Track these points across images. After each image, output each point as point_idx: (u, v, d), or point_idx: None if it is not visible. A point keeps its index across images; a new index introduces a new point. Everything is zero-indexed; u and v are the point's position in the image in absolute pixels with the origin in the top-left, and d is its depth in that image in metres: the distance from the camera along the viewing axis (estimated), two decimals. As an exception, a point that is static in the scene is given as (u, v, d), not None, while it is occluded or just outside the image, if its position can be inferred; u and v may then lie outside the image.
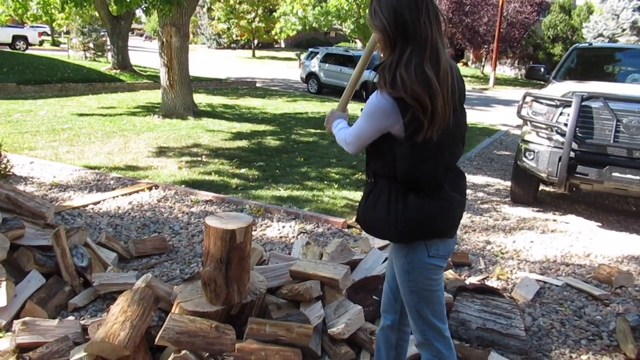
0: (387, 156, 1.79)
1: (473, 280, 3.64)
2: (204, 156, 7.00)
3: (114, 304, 2.37)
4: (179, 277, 3.44)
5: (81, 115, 9.78)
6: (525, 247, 4.45)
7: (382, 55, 1.81)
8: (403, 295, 1.96)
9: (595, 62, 6.89)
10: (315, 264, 2.85)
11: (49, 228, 3.28)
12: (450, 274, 3.42)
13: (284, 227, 4.50)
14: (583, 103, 4.67)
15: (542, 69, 6.64)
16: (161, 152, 7.14)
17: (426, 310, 1.92)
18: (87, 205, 4.70)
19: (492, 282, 3.68)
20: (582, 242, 4.66)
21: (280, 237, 4.28)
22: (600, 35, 25.70)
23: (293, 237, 4.30)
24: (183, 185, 5.50)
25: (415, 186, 1.80)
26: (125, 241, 3.91)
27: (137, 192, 5.19)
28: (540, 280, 3.72)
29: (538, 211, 5.55)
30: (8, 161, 5.52)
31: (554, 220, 5.26)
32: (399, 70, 1.67)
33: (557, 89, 5.42)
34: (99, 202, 4.81)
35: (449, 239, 1.90)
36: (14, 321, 2.50)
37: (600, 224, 5.25)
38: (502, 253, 4.28)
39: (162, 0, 8.14)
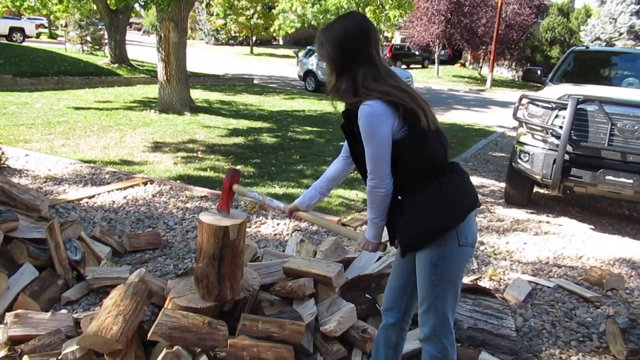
0: (398, 161, 1.84)
1: (465, 280, 3.66)
2: (199, 152, 7.00)
3: (107, 298, 2.37)
4: (172, 273, 3.44)
5: (77, 108, 9.75)
6: (518, 248, 4.47)
7: (329, 79, 1.93)
8: (422, 289, 1.94)
9: (591, 66, 6.92)
10: (309, 261, 2.87)
11: (43, 221, 3.28)
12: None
13: (278, 224, 4.51)
14: (578, 106, 4.69)
15: (539, 72, 6.67)
16: (157, 147, 7.13)
17: (444, 305, 1.92)
18: (81, 199, 4.70)
19: (485, 283, 3.70)
20: (575, 244, 4.69)
21: (275, 235, 4.29)
22: (598, 38, 25.80)
23: (287, 234, 4.31)
24: (178, 181, 5.50)
25: (434, 169, 1.88)
26: (120, 235, 3.91)
27: (132, 186, 5.18)
28: (532, 282, 3.74)
29: (532, 213, 5.58)
30: (3, 153, 5.50)
31: (548, 222, 5.29)
32: (365, 81, 1.81)
33: (554, 91, 5.44)
34: (93, 196, 4.80)
35: (473, 227, 1.94)
36: (6, 313, 2.49)
37: (593, 227, 5.28)
38: (495, 254, 4.30)
39: (161, -5, 8.12)
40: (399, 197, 1.90)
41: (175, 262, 3.63)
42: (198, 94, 13.19)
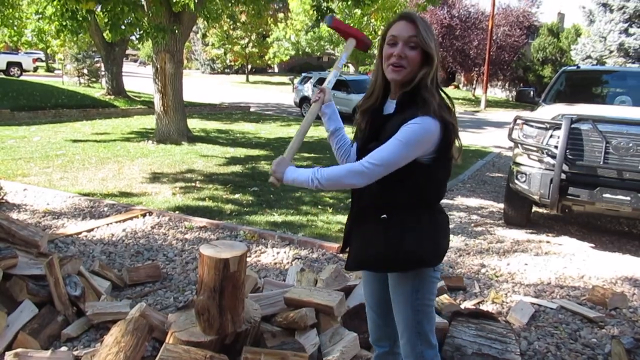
0: (410, 183, 1.81)
1: (468, 304, 3.64)
2: (198, 182, 7.01)
3: (107, 335, 2.35)
4: (173, 306, 3.42)
5: (75, 141, 9.79)
6: (519, 269, 4.45)
7: (401, 76, 1.82)
8: (405, 316, 1.93)
9: (583, 85, 7.01)
10: (310, 290, 2.85)
11: (42, 257, 3.27)
12: (445, 298, 3.42)
13: (278, 253, 4.49)
14: (572, 125, 4.74)
15: (532, 92, 6.75)
16: (155, 178, 7.15)
17: (427, 327, 1.94)
18: (80, 233, 4.69)
19: (487, 306, 3.68)
20: (576, 263, 4.68)
21: (275, 263, 4.28)
22: (589, 57, 26.16)
23: (288, 263, 4.29)
24: (177, 212, 5.49)
25: (435, 206, 1.91)
26: (119, 269, 3.90)
27: (130, 218, 5.18)
28: (535, 304, 3.72)
29: (531, 233, 5.58)
30: (1, 188, 5.51)
31: (548, 242, 5.28)
32: (437, 93, 1.79)
33: (547, 111, 5.50)
34: (92, 230, 4.80)
35: None
36: (6, 353, 2.47)
37: (593, 245, 5.27)
38: (497, 276, 4.28)
39: (156, 28, 8.24)
40: (384, 216, 1.85)
41: (176, 295, 3.60)
42: (195, 124, 13.28)
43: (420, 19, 1.80)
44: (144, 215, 5.28)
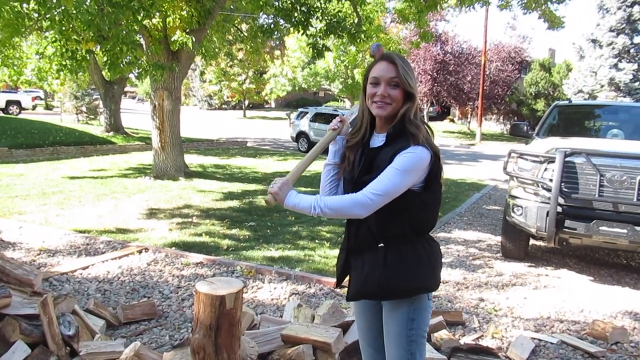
0: (405, 211, 1.88)
1: (467, 339, 3.59)
2: (194, 217, 7.00)
3: (101, 375, 2.31)
4: (168, 344, 3.36)
5: (72, 178, 9.81)
6: (518, 303, 4.42)
7: (387, 112, 1.92)
8: (399, 347, 1.93)
9: (576, 119, 7.12)
10: (307, 327, 2.82)
11: (36, 296, 3.23)
12: (444, 334, 3.38)
13: (275, 288, 4.45)
14: (566, 159, 4.79)
15: (525, 126, 6.84)
16: (152, 213, 7.13)
17: (419, 358, 1.96)
18: (75, 271, 4.64)
19: (487, 341, 3.63)
20: (575, 297, 4.65)
21: (272, 299, 4.23)
22: (580, 91, 26.59)
23: (285, 298, 4.25)
24: (173, 248, 5.46)
25: (428, 232, 1.98)
26: (114, 307, 3.85)
27: (126, 255, 5.14)
28: (535, 338, 3.67)
29: (530, 266, 5.56)
30: (-3, 227, 5.49)
31: (546, 275, 5.26)
32: (422, 124, 1.90)
33: (541, 145, 5.56)
34: (87, 267, 4.75)
35: None
36: (-3, 396, 2.41)
37: (592, 278, 5.25)
38: (496, 310, 4.24)
39: (155, 66, 8.38)
40: (381, 245, 1.91)
41: (171, 333, 3.55)
42: (192, 159, 13.35)
43: (400, 59, 1.92)
44: (140, 252, 5.25)
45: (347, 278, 2.08)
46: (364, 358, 2.17)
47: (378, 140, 1.98)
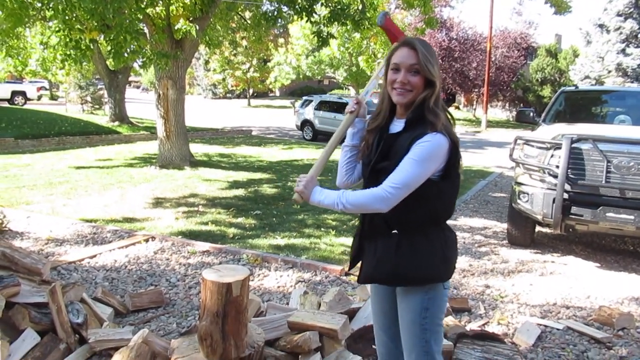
0: (421, 200, 1.85)
1: (473, 326, 3.60)
2: (200, 206, 7.02)
3: (109, 362, 2.33)
4: (176, 331, 3.39)
5: (78, 168, 9.85)
6: (524, 290, 4.42)
7: (407, 99, 1.90)
8: (413, 334, 1.94)
9: (582, 105, 7.05)
10: (314, 314, 2.83)
11: (44, 284, 3.26)
12: (450, 320, 3.39)
13: (281, 276, 4.48)
14: (573, 145, 4.76)
15: (531, 113, 6.79)
16: (158, 203, 7.16)
17: (434, 347, 1.94)
18: (83, 259, 4.68)
19: (493, 327, 3.64)
20: (582, 283, 4.64)
21: (278, 287, 4.25)
22: (587, 77, 26.35)
23: (291, 286, 4.27)
24: (180, 236, 5.49)
25: (443, 222, 1.96)
26: (122, 295, 3.88)
27: (133, 244, 5.17)
28: (541, 324, 3.68)
29: (536, 253, 5.55)
30: (4, 217, 5.52)
31: (553, 262, 5.25)
32: (442, 112, 1.86)
33: (547, 131, 5.52)
34: (95, 256, 4.79)
35: None
36: (8, 382, 2.45)
37: (598, 265, 5.24)
38: (502, 297, 4.25)
39: (159, 54, 8.36)
40: (395, 232, 1.91)
41: (179, 320, 3.58)
42: (198, 148, 13.36)
43: (422, 45, 1.87)
44: (146, 241, 5.28)
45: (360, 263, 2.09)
46: (377, 343, 2.18)
47: (397, 126, 1.96)
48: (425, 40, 1.94)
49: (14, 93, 25.27)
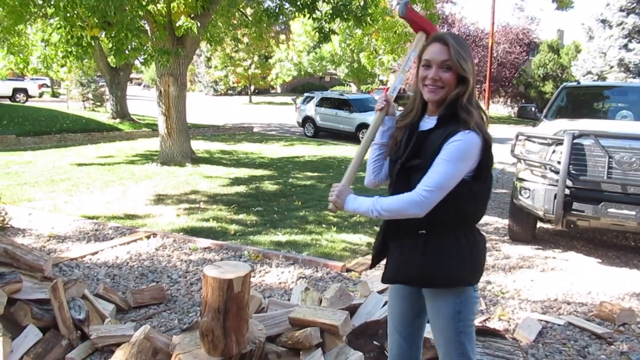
0: (452, 200, 1.79)
1: (475, 321, 3.60)
2: (202, 203, 7.03)
3: (111, 358, 2.34)
4: (177, 328, 3.40)
5: (80, 165, 9.86)
6: (525, 286, 4.42)
7: (438, 96, 1.85)
8: (448, 338, 1.90)
9: (584, 100, 7.04)
10: (315, 310, 2.84)
11: (46, 281, 3.27)
12: (451, 316, 3.39)
13: (282, 272, 4.48)
14: (575, 141, 4.75)
15: (533, 109, 6.78)
16: (159, 199, 7.17)
17: (469, 347, 1.92)
18: (85, 256, 4.69)
19: (494, 323, 3.65)
20: (583, 279, 4.64)
21: (279, 283, 4.26)
22: (589, 72, 26.25)
23: (292, 282, 4.27)
24: (181, 233, 5.50)
25: (472, 224, 1.91)
26: (124, 291, 3.89)
27: (135, 241, 5.18)
28: (542, 320, 3.68)
29: (537, 249, 5.55)
30: (6, 213, 5.54)
31: (554, 258, 5.25)
32: (476, 109, 1.81)
33: (549, 127, 5.51)
34: (97, 252, 4.80)
35: None
36: (10, 378, 2.46)
37: (600, 261, 5.23)
38: (503, 293, 4.25)
39: (160, 51, 8.35)
40: (422, 231, 1.85)
41: (180, 317, 3.59)
42: (199, 145, 13.36)
43: (454, 40, 1.82)
44: (148, 238, 5.29)
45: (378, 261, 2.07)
46: (390, 342, 2.15)
47: (428, 123, 1.91)
48: (459, 36, 1.88)
49: (16, 90, 25.28)
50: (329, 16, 9.89)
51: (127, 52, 7.92)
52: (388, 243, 1.99)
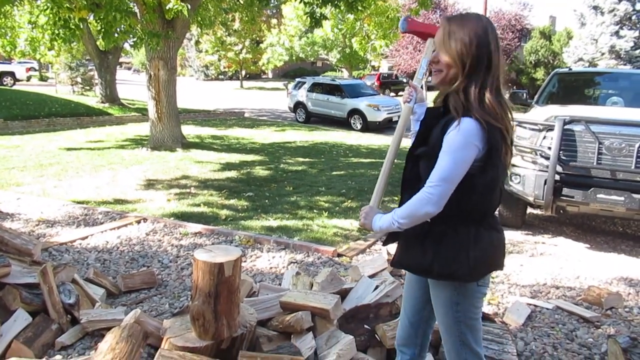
0: (452, 194, 1.72)
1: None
2: (192, 188, 6.99)
3: (102, 342, 2.34)
4: (168, 312, 3.40)
5: (69, 149, 9.76)
6: (515, 270, 4.46)
7: (438, 80, 1.81)
8: (447, 325, 1.90)
9: (575, 87, 7.05)
10: (306, 294, 2.84)
11: (35, 265, 3.25)
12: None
13: (273, 257, 4.48)
14: (565, 127, 4.76)
15: (524, 94, 6.78)
16: (150, 184, 7.13)
17: (470, 337, 1.90)
18: (74, 241, 4.66)
19: (484, 307, 3.67)
20: (571, 264, 4.69)
21: (271, 268, 4.26)
22: (581, 59, 26.31)
23: (283, 267, 4.28)
24: (172, 218, 5.48)
25: (480, 219, 1.81)
26: (114, 276, 3.87)
27: (125, 226, 5.15)
28: (531, 304, 3.72)
29: (527, 234, 5.59)
30: (-6, 198, 5.48)
31: (543, 243, 5.30)
32: (486, 94, 1.71)
33: (540, 113, 5.53)
34: (86, 237, 4.77)
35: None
36: (-1, 362, 2.45)
37: (588, 246, 5.29)
38: (493, 277, 4.28)
39: (150, 34, 8.24)
40: (428, 223, 1.81)
41: (171, 301, 3.58)
42: (190, 130, 13.27)
43: (448, 23, 1.77)
44: (138, 222, 5.26)
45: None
46: (400, 323, 2.17)
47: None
48: (466, 15, 1.80)
49: (3, 74, 24.96)
50: (321, 1, 9.80)
51: (116, 34, 7.82)
52: None
